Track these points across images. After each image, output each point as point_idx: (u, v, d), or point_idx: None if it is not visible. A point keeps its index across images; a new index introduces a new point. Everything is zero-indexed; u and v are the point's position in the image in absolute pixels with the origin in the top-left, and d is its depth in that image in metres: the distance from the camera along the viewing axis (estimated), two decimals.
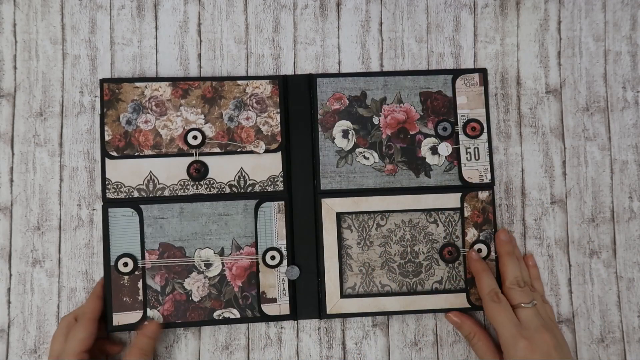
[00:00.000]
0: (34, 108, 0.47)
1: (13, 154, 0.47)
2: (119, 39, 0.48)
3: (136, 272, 0.48)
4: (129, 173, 0.49)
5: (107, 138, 0.48)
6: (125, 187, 0.49)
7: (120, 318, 0.48)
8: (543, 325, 0.44)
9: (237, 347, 0.47)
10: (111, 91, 0.49)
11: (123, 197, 0.48)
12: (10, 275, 0.46)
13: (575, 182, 0.48)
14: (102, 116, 0.48)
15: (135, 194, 0.48)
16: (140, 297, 0.48)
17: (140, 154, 0.49)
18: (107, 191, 0.48)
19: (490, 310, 0.46)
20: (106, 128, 0.49)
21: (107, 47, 0.48)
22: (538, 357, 0.44)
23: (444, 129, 0.51)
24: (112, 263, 0.48)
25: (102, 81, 0.48)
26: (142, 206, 0.48)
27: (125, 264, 0.49)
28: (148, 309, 0.48)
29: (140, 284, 0.48)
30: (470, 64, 0.50)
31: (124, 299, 0.48)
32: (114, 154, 0.49)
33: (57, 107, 0.48)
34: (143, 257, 0.49)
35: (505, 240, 0.49)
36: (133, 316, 0.48)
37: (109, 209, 0.48)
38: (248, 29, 0.49)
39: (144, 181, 0.49)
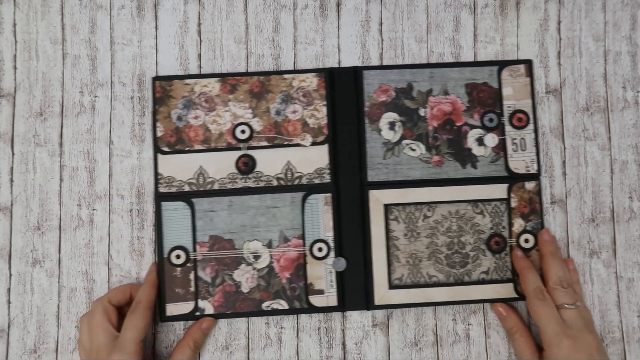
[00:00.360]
0: (34, 108, 0.48)
1: (13, 154, 0.48)
2: (119, 39, 0.49)
3: (188, 264, 0.52)
4: (180, 167, 0.53)
5: (159, 134, 0.53)
6: (176, 181, 0.53)
7: (172, 309, 0.52)
8: (586, 326, 0.47)
9: (237, 347, 0.48)
10: (162, 88, 0.53)
11: (175, 191, 0.52)
12: (10, 275, 0.48)
13: (575, 182, 0.49)
14: (154, 113, 0.53)
15: (186, 188, 0.53)
16: (192, 289, 0.52)
17: (191, 148, 0.53)
18: (159, 185, 0.52)
19: (534, 307, 0.48)
20: (158, 124, 0.53)
21: (107, 47, 0.49)
22: (582, 357, 0.46)
23: (490, 120, 0.54)
24: (165, 255, 0.52)
25: (154, 79, 0.53)
26: (193, 200, 0.52)
27: (178, 256, 0.53)
28: (199, 300, 0.52)
29: (192, 276, 0.52)
30: None
31: (176, 290, 0.52)
32: (166, 149, 0.53)
33: (57, 107, 0.49)
34: (194, 250, 0.53)
35: (549, 240, 0.51)
36: (185, 307, 0.52)
37: (162, 203, 0.52)
38: (248, 29, 0.50)
39: (194, 175, 0.53)
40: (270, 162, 0.52)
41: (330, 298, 0.51)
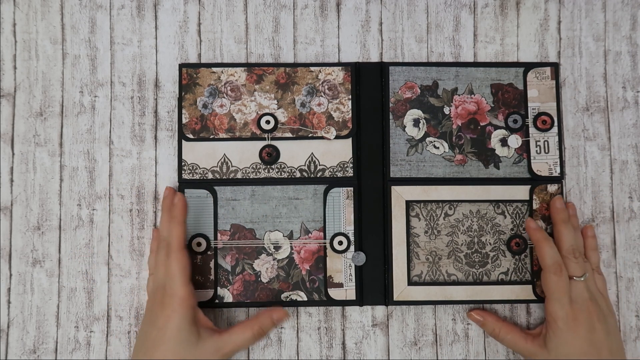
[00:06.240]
0: (34, 108, 0.50)
1: (13, 154, 0.50)
2: (119, 39, 0.50)
3: (209, 252, 0.56)
4: (204, 155, 0.57)
5: (184, 121, 0.57)
6: (200, 168, 0.57)
7: None
8: (590, 298, 0.51)
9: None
10: (189, 75, 0.58)
11: (198, 178, 0.57)
12: (10, 275, 0.49)
13: (575, 182, 0.49)
14: (180, 99, 0.58)
15: (210, 176, 0.57)
16: (212, 277, 0.55)
17: (215, 137, 0.57)
18: (182, 172, 0.57)
19: (550, 283, 0.51)
20: (183, 111, 0.57)
21: (107, 47, 0.50)
22: (582, 331, 0.49)
23: (515, 121, 0.57)
24: (187, 243, 0.56)
25: (181, 66, 0.58)
26: (216, 188, 0.57)
27: (199, 244, 0.56)
28: (219, 288, 0.55)
29: (212, 264, 0.56)
30: None
31: (196, 277, 0.55)
32: (191, 136, 0.57)
33: (57, 107, 0.50)
34: (215, 238, 0.56)
35: (561, 208, 0.54)
36: (204, 294, 0.55)
37: (185, 190, 0.57)
38: (248, 29, 0.50)
39: (217, 163, 0.57)
40: (294, 154, 0.57)
41: (349, 292, 0.53)
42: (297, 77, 0.57)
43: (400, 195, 0.57)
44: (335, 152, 0.57)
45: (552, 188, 0.57)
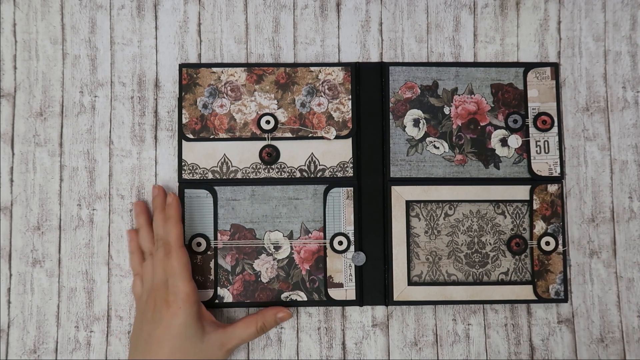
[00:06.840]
0: (34, 108, 0.50)
1: (13, 154, 0.50)
2: (119, 39, 0.50)
3: (209, 252, 0.56)
4: (204, 155, 0.57)
5: (184, 121, 0.57)
6: (200, 168, 0.57)
7: None
8: None
9: (237, 347, 0.48)
10: (189, 76, 0.58)
11: (198, 178, 0.57)
12: (10, 275, 0.49)
13: (575, 182, 0.49)
14: (180, 100, 0.58)
15: (210, 176, 0.57)
16: (212, 277, 0.56)
17: (215, 137, 0.57)
18: (182, 172, 0.57)
19: None
20: (184, 111, 0.57)
21: (107, 47, 0.50)
22: None
23: (515, 121, 0.57)
24: (186, 242, 0.56)
25: (181, 66, 0.58)
26: (216, 188, 0.57)
27: (199, 244, 0.56)
28: (219, 288, 0.56)
29: (212, 264, 0.56)
30: None
31: (196, 277, 0.56)
32: (191, 136, 0.57)
33: (57, 107, 0.50)
34: (215, 238, 0.56)
35: None
36: (204, 294, 0.56)
37: (185, 190, 0.57)
38: (248, 29, 0.50)
39: (218, 163, 0.57)
40: (294, 154, 0.57)
41: (349, 292, 0.53)
42: (297, 77, 0.58)
43: (400, 195, 0.57)
44: (335, 152, 0.57)
45: (552, 188, 0.57)
